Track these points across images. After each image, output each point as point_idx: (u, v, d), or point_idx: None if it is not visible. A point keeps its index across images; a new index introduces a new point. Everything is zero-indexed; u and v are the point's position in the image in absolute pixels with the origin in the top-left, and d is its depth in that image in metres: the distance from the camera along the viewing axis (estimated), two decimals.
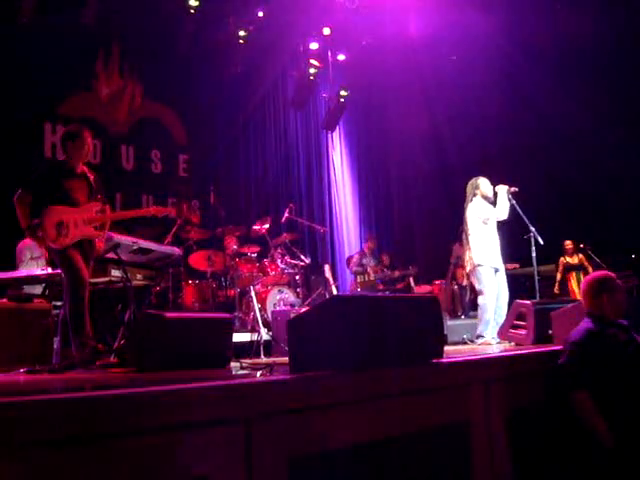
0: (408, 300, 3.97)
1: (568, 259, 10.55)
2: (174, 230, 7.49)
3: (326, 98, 11.89)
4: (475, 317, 7.41)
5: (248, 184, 11.12)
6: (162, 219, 6.52)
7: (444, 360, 3.50)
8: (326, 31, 10.95)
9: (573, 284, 10.26)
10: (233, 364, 4.59)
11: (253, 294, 7.25)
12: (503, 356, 4.38)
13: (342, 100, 11.82)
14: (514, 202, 6.99)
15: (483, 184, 7.13)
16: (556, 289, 10.49)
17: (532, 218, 7.12)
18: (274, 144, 11.87)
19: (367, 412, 2.91)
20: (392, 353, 3.10)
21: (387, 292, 10.30)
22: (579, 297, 9.09)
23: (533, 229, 7.10)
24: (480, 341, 6.80)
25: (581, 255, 10.51)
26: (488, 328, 6.81)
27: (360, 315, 3.03)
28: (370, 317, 3.08)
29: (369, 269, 10.04)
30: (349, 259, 10.24)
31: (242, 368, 4.28)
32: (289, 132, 12.15)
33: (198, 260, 7.89)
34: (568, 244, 10.50)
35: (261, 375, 3.43)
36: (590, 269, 10.27)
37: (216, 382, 2.61)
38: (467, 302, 9.64)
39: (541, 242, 7.15)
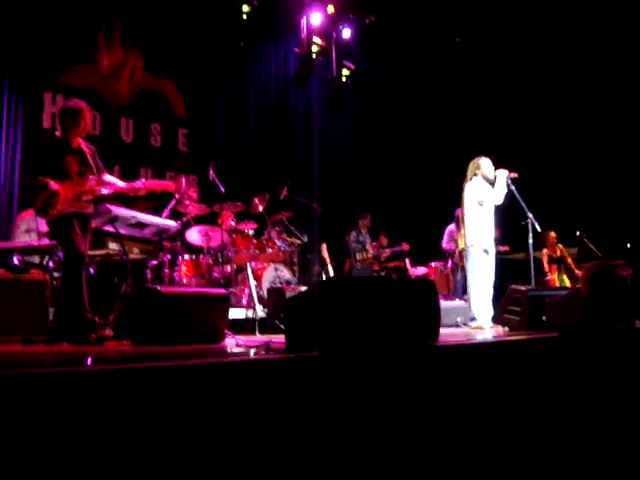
0: (404, 283, 3.99)
1: (551, 251, 10.32)
2: (172, 205, 7.48)
3: (329, 77, 11.80)
4: (466, 300, 7.42)
5: (247, 161, 11.08)
6: (160, 193, 6.51)
7: (439, 344, 3.53)
8: (330, 9, 10.86)
9: (555, 276, 10.15)
10: (228, 340, 4.62)
11: (249, 271, 7.26)
12: (495, 341, 4.41)
13: (344, 79, 11.75)
14: (513, 187, 6.99)
15: (485, 164, 7.12)
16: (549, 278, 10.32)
17: (529, 204, 7.12)
18: (275, 122, 11.82)
19: None
20: (387, 336, 3.12)
21: (382, 272, 10.33)
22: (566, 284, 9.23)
23: (531, 215, 7.11)
24: (474, 324, 6.83)
25: (561, 246, 10.34)
26: (480, 311, 6.83)
27: (357, 298, 3.05)
28: (366, 300, 3.10)
29: (367, 246, 10.06)
30: (346, 236, 10.24)
31: (238, 346, 4.30)
32: (290, 110, 12.10)
33: (195, 235, 7.89)
34: (553, 236, 10.30)
35: (256, 354, 3.45)
36: (569, 260, 10.21)
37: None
38: (460, 283, 9.60)
39: (538, 229, 7.17)
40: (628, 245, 10.54)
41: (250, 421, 2.48)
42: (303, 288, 7.26)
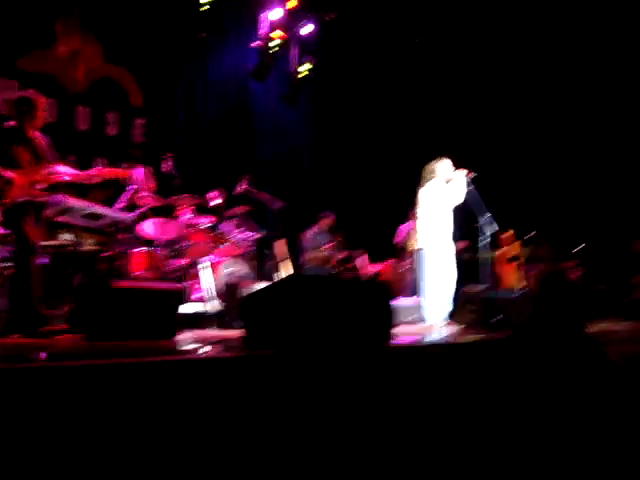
0: (359, 284, 4.01)
1: (507, 250, 10.37)
2: (129, 195, 7.37)
3: (288, 72, 11.76)
4: (421, 298, 7.47)
5: (206, 153, 10.97)
6: (115, 183, 6.42)
7: (391, 344, 3.55)
8: (291, 3, 10.81)
9: (509, 274, 10.20)
10: (183, 336, 4.58)
11: (205, 265, 7.20)
12: (447, 342, 4.46)
13: (304, 74, 11.72)
14: (472, 187, 7.06)
15: (442, 165, 7.18)
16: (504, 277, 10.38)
17: (487, 204, 7.21)
18: (235, 115, 11.71)
19: None
20: (342, 336, 3.13)
21: (336, 271, 10.30)
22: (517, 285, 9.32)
23: (489, 215, 7.18)
24: (427, 323, 6.89)
25: (518, 246, 10.41)
26: (435, 309, 6.90)
27: (313, 297, 3.05)
28: (323, 300, 3.10)
29: (322, 246, 10.01)
30: (303, 234, 10.19)
31: (195, 341, 4.27)
32: (250, 104, 12.01)
33: (150, 227, 7.78)
34: (510, 235, 10.36)
35: (212, 351, 3.43)
36: (525, 260, 10.30)
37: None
38: (413, 283, 9.63)
39: (496, 228, 7.25)
40: (580, 246, 10.73)
41: (204, 419, 2.46)
42: (260, 284, 7.24)
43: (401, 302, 8.13)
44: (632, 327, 6.67)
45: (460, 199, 7.05)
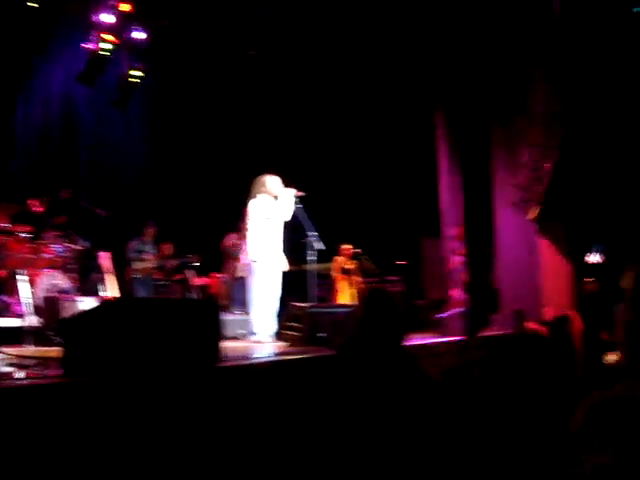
0: (186, 305, 3.97)
1: (345, 263, 10.61)
2: None
3: (119, 76, 11.40)
4: (247, 312, 7.51)
5: (26, 160, 10.38)
6: None
7: (223, 365, 3.55)
8: (124, 7, 10.51)
9: (345, 287, 10.43)
10: None
11: (23, 277, 6.82)
12: (272, 360, 4.51)
13: (134, 80, 11.42)
14: (301, 206, 7.21)
15: (270, 182, 7.26)
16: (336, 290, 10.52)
17: (316, 222, 7.39)
18: (62, 120, 11.18)
19: None
20: (169, 358, 3.08)
21: (164, 282, 10.11)
22: (348, 301, 9.62)
23: (315, 233, 7.36)
24: (254, 338, 6.93)
25: (352, 262, 10.68)
26: (261, 325, 6.96)
27: (138, 320, 2.98)
28: (148, 322, 3.04)
29: (146, 257, 9.79)
30: (127, 245, 9.92)
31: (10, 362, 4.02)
32: (76, 107, 11.52)
33: None
34: (347, 248, 10.60)
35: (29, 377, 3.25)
36: (357, 277, 10.60)
37: None
38: (241, 296, 9.62)
39: (323, 247, 7.44)
40: (403, 262, 11.22)
41: (22, 448, 2.34)
42: (82, 297, 6.98)
43: (230, 316, 8.14)
44: (447, 341, 7.10)
45: (288, 216, 7.18)
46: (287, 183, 7.30)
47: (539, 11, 9.30)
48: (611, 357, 5.04)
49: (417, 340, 6.23)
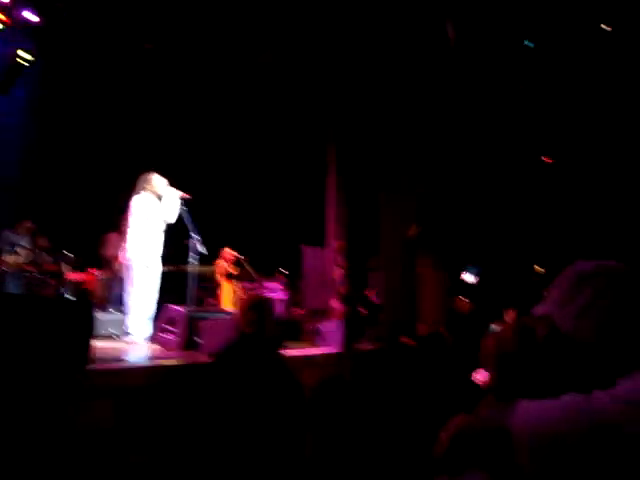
0: (54, 301, 3.82)
1: (229, 268, 10.49)
2: None
3: (4, 56, 10.81)
4: (123, 312, 7.31)
5: None
6: None
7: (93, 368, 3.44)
8: None
9: (228, 292, 10.33)
10: None
11: None
12: (151, 365, 4.43)
13: (20, 62, 10.87)
14: (186, 208, 7.10)
15: (155, 180, 7.10)
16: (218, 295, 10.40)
17: (202, 226, 7.30)
18: None
19: None
20: (32, 359, 2.95)
21: (37, 276, 9.68)
22: (229, 305, 9.57)
23: (197, 237, 7.25)
24: (128, 339, 6.76)
25: (238, 267, 10.61)
26: (136, 326, 6.80)
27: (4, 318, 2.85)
28: (14, 320, 2.89)
29: (20, 251, 9.36)
30: None
31: None
32: None
33: None
34: (229, 253, 10.49)
35: None
36: (239, 284, 10.54)
37: None
38: (116, 295, 9.35)
39: (205, 252, 7.35)
40: (285, 271, 11.29)
41: None
42: None
43: (104, 315, 7.90)
44: (325, 353, 7.16)
45: (172, 218, 7.05)
46: (174, 185, 7.18)
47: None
48: (480, 376, 5.26)
49: (296, 351, 6.26)
